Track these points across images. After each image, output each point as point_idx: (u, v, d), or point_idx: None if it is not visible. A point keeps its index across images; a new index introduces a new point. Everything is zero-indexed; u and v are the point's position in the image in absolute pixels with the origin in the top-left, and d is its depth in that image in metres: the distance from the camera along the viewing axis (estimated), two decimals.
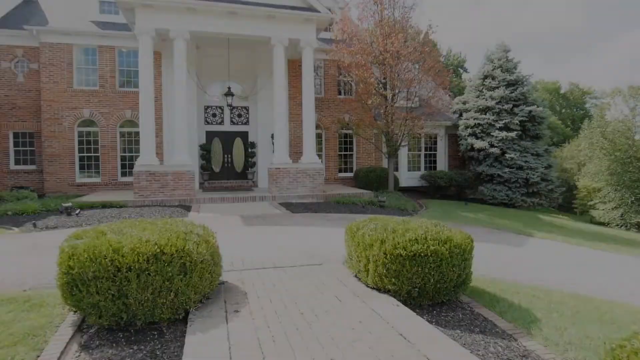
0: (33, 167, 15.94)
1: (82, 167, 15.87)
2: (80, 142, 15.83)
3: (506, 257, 7.76)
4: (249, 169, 17.14)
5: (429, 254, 4.42)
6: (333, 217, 10.14)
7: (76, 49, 15.66)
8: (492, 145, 17.74)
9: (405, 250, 4.43)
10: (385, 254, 4.52)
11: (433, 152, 20.37)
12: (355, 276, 5.21)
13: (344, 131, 18.55)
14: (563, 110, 50.92)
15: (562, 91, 51.26)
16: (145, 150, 12.96)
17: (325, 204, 12.59)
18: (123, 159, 16.19)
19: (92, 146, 15.93)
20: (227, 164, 17.23)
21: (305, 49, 14.24)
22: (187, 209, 11.62)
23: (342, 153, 18.66)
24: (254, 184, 17.07)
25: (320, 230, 8.33)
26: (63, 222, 9.02)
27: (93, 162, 15.98)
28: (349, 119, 18.16)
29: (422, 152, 20.12)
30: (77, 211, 9.82)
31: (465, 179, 18.34)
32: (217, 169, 17.12)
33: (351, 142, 18.78)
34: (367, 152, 18.74)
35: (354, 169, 18.66)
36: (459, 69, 47.69)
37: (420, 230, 4.67)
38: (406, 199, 15.21)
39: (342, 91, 18.61)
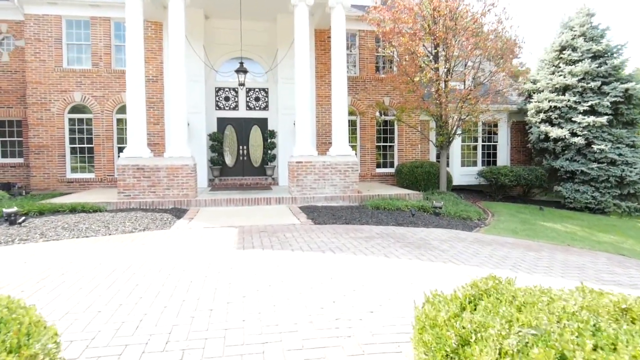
0: (21, 160, 13.77)
1: (73, 161, 13.54)
2: (72, 131, 13.49)
3: None
4: (268, 163, 14.25)
5: None
6: (373, 233, 6.99)
7: (66, 22, 13.28)
8: (573, 134, 13.92)
9: None
10: None
11: (492, 144, 16.70)
12: None
13: (384, 117, 15.28)
14: None
15: None
16: (133, 139, 10.32)
17: (361, 210, 9.46)
18: (120, 150, 13.66)
19: (84, 136, 13.55)
20: (242, 157, 14.42)
21: (335, 9, 11.10)
22: (179, 214, 8.85)
23: (381, 144, 15.40)
24: (273, 181, 14.17)
25: (355, 262, 5.21)
26: None
27: (86, 155, 13.61)
28: (390, 103, 14.87)
29: (479, 144, 16.50)
30: (22, 219, 7.23)
31: (536, 177, 14.62)
32: (230, 163, 14.35)
33: (392, 131, 15.49)
34: (412, 142, 15.40)
35: (395, 163, 15.37)
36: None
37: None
38: (466, 203, 11.81)
39: (381, 68, 15.35)
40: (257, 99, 14.44)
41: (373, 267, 4.87)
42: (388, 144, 15.46)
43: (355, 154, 12.75)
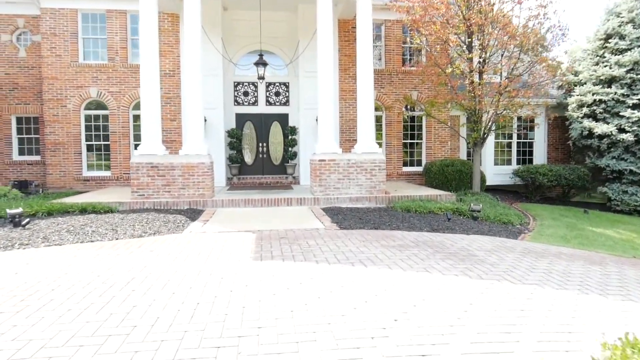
0: (38, 157, 13.51)
1: (90, 158, 13.18)
2: (88, 128, 13.12)
3: None
4: (289, 161, 13.57)
5: None
6: (407, 241, 6.19)
7: (81, 15, 12.90)
8: (621, 130, 12.70)
9: None
10: None
11: (528, 141, 15.56)
12: None
13: (411, 113, 14.38)
14: None
15: None
16: (147, 136, 9.80)
17: (390, 213, 8.64)
18: (137, 148, 13.25)
19: (100, 133, 13.16)
20: (261, 154, 13.78)
21: None
22: (194, 216, 8.25)
23: (407, 141, 14.50)
24: (294, 180, 13.48)
25: (392, 279, 4.43)
26: None
27: (103, 152, 13.23)
28: (418, 97, 13.95)
29: (514, 141, 15.39)
30: (26, 221, 6.74)
31: (578, 177, 13.44)
32: (249, 161, 13.73)
33: (419, 127, 14.57)
34: (441, 139, 14.44)
35: (423, 162, 14.45)
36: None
37: None
38: (504, 205, 10.84)
39: (408, 61, 14.43)
40: (277, 94, 13.76)
41: (414, 287, 4.09)
42: (415, 141, 14.55)
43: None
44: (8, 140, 13.30)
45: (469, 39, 11.56)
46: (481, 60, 11.25)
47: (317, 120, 12.06)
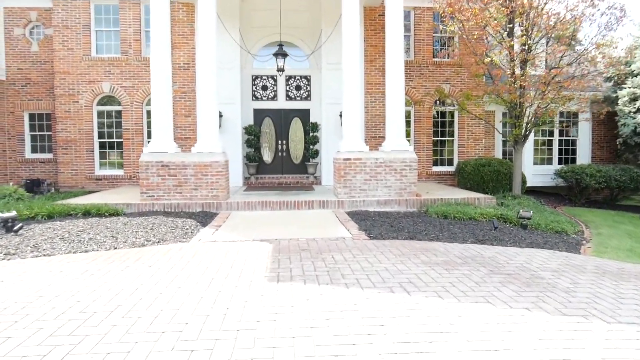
0: (50, 155, 13.03)
1: (102, 156, 12.62)
2: (100, 125, 12.56)
3: None
4: (310, 159, 12.67)
5: None
6: (452, 256, 5.19)
7: (94, 6, 12.32)
8: None
9: None
10: None
11: (570, 138, 14.21)
12: None
13: (442, 108, 13.28)
14: None
15: None
16: (158, 132, 9.08)
17: (424, 219, 7.63)
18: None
19: (113, 130, 12.58)
20: (281, 152, 12.94)
21: None
22: (206, 220, 7.45)
23: (438, 139, 13.40)
24: (315, 180, 12.58)
25: (445, 314, 3.47)
26: None
27: (115, 150, 12.65)
28: (450, 90, 12.83)
29: (555, 138, 14.07)
30: (19, 226, 6.05)
31: (631, 178, 12.07)
32: (268, 160, 12.91)
33: (450, 124, 13.44)
34: (475, 137, 13.28)
35: (455, 161, 13.32)
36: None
37: None
38: (551, 210, 9.68)
39: (439, 52, 13.32)
40: (298, 88, 12.89)
41: (478, 328, 3.12)
42: (447, 138, 13.43)
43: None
44: (20, 137, 12.86)
45: (510, 25, 10.40)
46: (525, 47, 10.06)
47: (340, 115, 11.15)
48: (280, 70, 10.76)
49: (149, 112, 12.41)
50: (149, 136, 12.40)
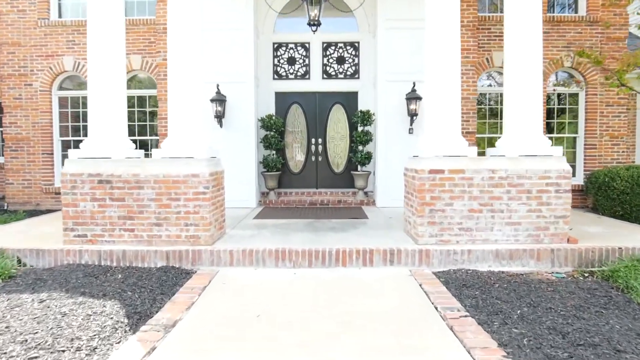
0: (2, 159, 9.64)
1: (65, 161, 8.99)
2: (63, 117, 8.98)
3: None
4: (359, 167, 8.45)
5: None
6: None
7: None
8: None
9: None
10: None
11: None
12: None
13: (557, 89, 8.70)
14: None
15: None
16: (96, 125, 5.20)
17: (619, 305, 3.23)
18: (141, 146, 8.90)
19: (80, 123, 8.97)
20: (315, 156, 8.83)
21: None
22: (157, 298, 3.42)
23: (553, 136, 8.82)
24: (367, 199, 8.31)
25: None
26: None
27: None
28: (573, 62, 8.24)
29: None
30: None
31: None
32: (295, 167, 8.83)
33: (571, 111, 8.81)
34: (611, 133, 8.59)
35: (579, 168, 8.69)
36: None
37: None
38: None
39: (553, 7, 8.77)
40: (340, 60, 8.72)
41: None
42: (560, 135, 8.81)
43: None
44: None
45: None
46: None
47: (412, 98, 6.91)
48: (314, 23, 6.61)
49: (129, 98, 8.66)
50: (131, 133, 8.65)
